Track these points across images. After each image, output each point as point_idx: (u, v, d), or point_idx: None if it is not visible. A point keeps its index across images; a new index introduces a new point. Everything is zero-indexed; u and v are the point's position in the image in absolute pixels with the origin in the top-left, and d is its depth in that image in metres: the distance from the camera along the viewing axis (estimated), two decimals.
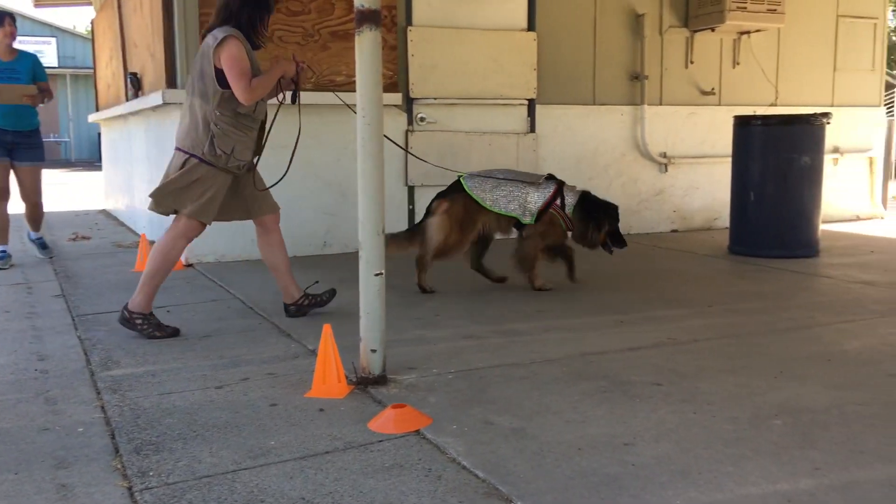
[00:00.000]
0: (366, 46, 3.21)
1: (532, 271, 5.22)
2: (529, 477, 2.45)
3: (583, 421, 2.91)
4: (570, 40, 7.69)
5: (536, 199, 5.09)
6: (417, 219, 7.15)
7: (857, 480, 2.40)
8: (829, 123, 6.54)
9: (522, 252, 5.21)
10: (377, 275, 3.26)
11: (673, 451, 2.63)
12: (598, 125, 7.89)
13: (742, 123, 6.70)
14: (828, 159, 7.25)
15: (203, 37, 4.19)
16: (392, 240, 5.05)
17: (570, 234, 5.25)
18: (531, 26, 7.45)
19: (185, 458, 2.62)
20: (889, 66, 11.21)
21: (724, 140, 7.26)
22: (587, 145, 7.84)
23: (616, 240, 5.29)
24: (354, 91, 3.27)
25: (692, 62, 8.27)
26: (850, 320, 4.42)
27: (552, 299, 4.99)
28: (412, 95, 6.99)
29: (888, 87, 11.02)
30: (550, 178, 5.24)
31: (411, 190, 7.16)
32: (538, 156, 7.44)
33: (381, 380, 3.31)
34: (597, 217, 5.22)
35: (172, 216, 4.23)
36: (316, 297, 4.54)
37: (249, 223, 4.43)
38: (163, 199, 4.14)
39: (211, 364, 3.66)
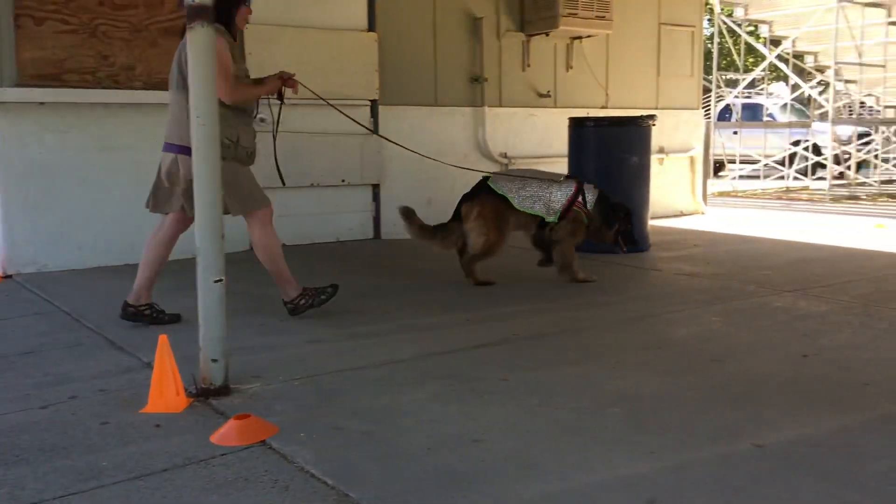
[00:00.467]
0: (198, 43, 3.08)
1: (574, 271, 5.44)
2: (379, 480, 2.42)
3: (432, 420, 2.92)
4: (410, 42, 7.74)
5: (560, 197, 5.34)
6: None
7: (689, 461, 2.54)
8: (654, 125, 6.94)
9: (563, 261, 5.45)
10: (217, 281, 3.14)
11: (520, 444, 2.68)
12: (441, 126, 7.98)
13: (576, 125, 6.99)
14: (654, 159, 7.68)
15: (182, 32, 3.99)
16: (424, 231, 5.31)
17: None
18: (371, 27, 7.43)
19: (7, 485, 2.41)
20: (706, 71, 12.06)
21: (560, 140, 7.52)
22: (430, 146, 7.85)
23: (628, 239, 5.59)
24: None
25: (529, 65, 8.53)
26: (677, 310, 4.70)
27: (399, 300, 4.99)
28: None
29: (705, 91, 11.86)
30: (569, 176, 5.48)
31: None
32: (383, 157, 7.44)
33: (223, 390, 3.18)
34: (614, 216, 5.49)
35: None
36: (158, 314, 4.32)
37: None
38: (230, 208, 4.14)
39: (34, 382, 3.39)
